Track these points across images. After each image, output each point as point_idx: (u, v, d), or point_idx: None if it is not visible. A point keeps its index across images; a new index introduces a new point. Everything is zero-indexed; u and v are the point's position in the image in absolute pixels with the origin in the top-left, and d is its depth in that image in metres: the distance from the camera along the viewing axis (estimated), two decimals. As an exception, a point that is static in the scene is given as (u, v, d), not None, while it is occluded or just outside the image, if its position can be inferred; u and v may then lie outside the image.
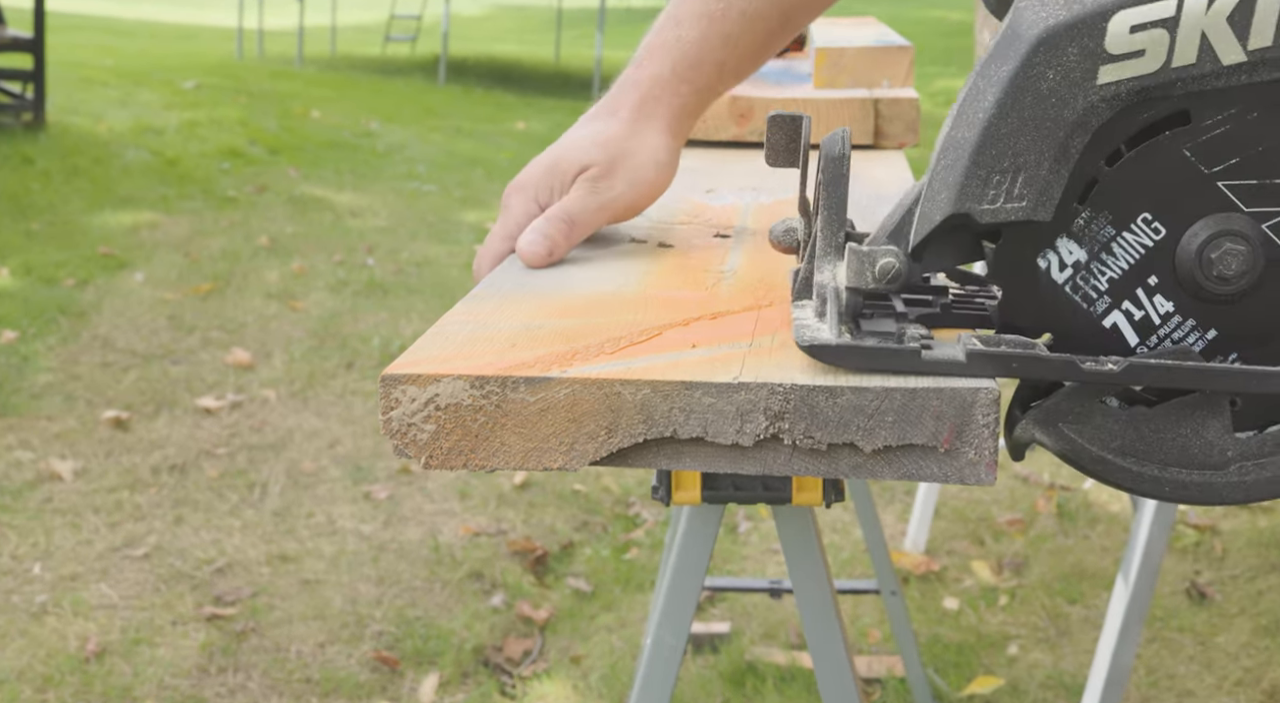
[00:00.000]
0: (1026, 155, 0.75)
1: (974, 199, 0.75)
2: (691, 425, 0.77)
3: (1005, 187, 0.75)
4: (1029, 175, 0.75)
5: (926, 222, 0.77)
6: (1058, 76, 0.74)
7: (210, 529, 3.19)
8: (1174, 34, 0.73)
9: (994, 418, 0.74)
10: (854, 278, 0.76)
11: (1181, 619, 2.85)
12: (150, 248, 5.85)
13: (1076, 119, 0.74)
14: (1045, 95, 0.74)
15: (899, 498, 3.47)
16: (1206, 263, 0.76)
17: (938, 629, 2.82)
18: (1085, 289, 0.78)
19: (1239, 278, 0.76)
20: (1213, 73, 0.74)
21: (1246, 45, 0.73)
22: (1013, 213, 0.75)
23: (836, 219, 0.78)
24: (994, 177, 0.75)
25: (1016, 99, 0.74)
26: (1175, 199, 0.77)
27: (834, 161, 0.78)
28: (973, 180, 0.75)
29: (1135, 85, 0.74)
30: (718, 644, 2.73)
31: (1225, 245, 0.76)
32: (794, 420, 0.76)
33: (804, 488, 1.18)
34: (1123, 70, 0.73)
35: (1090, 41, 0.73)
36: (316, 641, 2.72)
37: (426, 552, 3.11)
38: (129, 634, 2.71)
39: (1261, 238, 0.76)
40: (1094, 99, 0.74)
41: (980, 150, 0.75)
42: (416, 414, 0.79)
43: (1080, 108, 0.74)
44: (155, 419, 3.86)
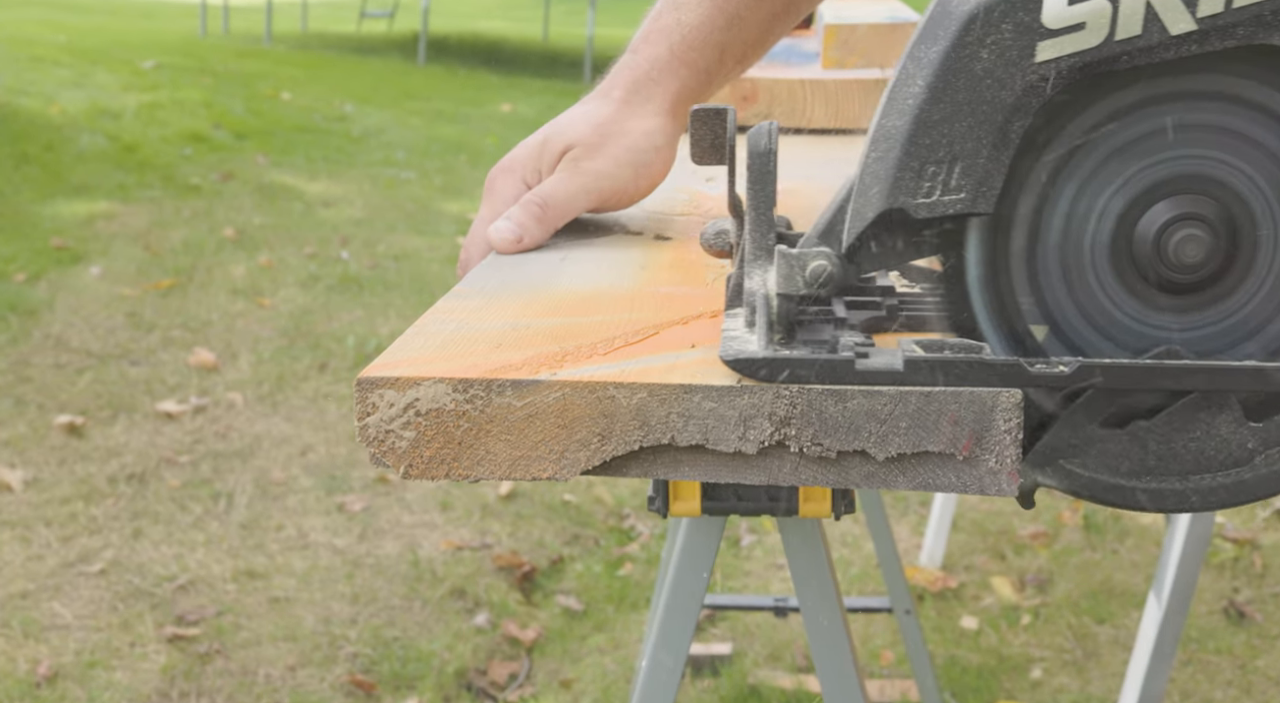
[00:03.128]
0: (963, 143, 0.74)
1: (908, 193, 0.75)
2: (691, 432, 0.77)
3: (941, 178, 0.74)
4: (967, 164, 0.74)
5: (859, 219, 0.76)
6: (992, 56, 0.73)
7: (172, 544, 3.19)
8: (1116, 4, 0.72)
9: (1016, 423, 0.74)
10: (784, 283, 0.75)
11: (1219, 641, 2.85)
12: (107, 240, 5.85)
13: (1015, 101, 0.73)
14: (980, 77, 0.73)
15: (914, 509, 3.47)
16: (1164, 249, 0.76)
17: (955, 651, 2.82)
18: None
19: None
20: (1161, 44, 0.73)
21: (1196, 12, 0.72)
22: (951, 206, 0.75)
23: (765, 220, 0.77)
24: (929, 167, 0.74)
25: (949, 82, 0.74)
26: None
27: (760, 157, 0.77)
28: (906, 172, 0.74)
29: (1077, 61, 0.73)
30: (718, 667, 2.73)
31: (1185, 230, 0.76)
32: (801, 426, 0.76)
33: (811, 499, 1.18)
34: (1062, 46, 0.73)
35: (1026, 16, 0.72)
36: (287, 663, 2.72)
37: (405, 567, 3.11)
38: (84, 657, 2.71)
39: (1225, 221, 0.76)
40: (1033, 78, 0.73)
41: (912, 140, 0.74)
42: (395, 420, 0.80)
43: (1018, 88, 0.73)
44: (112, 425, 3.86)
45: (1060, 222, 0.77)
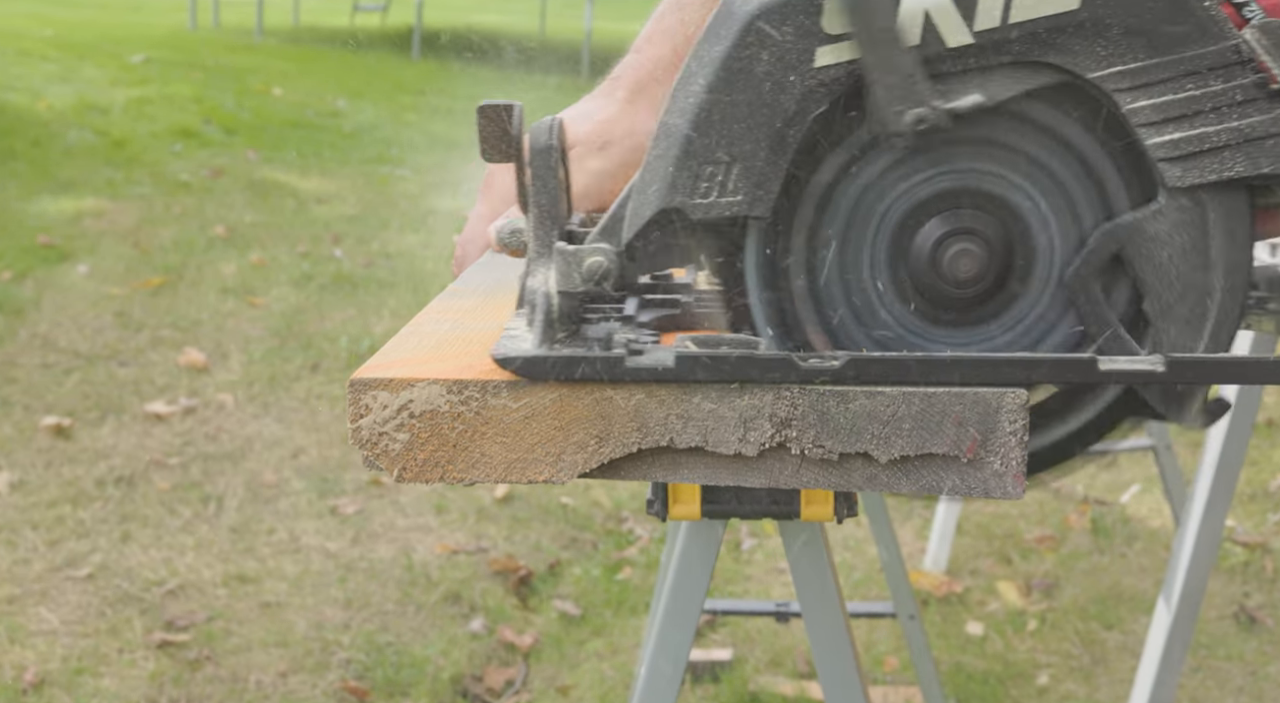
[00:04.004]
0: (741, 145, 0.74)
1: (685, 193, 0.75)
2: (690, 434, 0.77)
3: (719, 180, 0.75)
4: (744, 167, 0.74)
5: (637, 217, 0.77)
6: (772, 58, 0.73)
7: (161, 547, 3.19)
8: (899, 13, 0.72)
9: (1022, 424, 0.74)
10: (562, 280, 0.76)
11: (1229, 647, 2.85)
12: (95, 238, 5.85)
13: (794, 105, 0.74)
14: (759, 79, 0.73)
15: (917, 513, 3.47)
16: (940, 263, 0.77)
17: (960, 657, 2.83)
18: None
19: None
20: (938, 56, 0.73)
21: (974, 26, 0.73)
22: (727, 208, 0.75)
23: (548, 217, 0.78)
24: (706, 168, 0.75)
25: (729, 83, 0.74)
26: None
27: (541, 154, 0.77)
28: (684, 172, 0.75)
29: (856, 68, 0.73)
30: (719, 673, 2.74)
31: (960, 244, 0.77)
32: (802, 428, 0.76)
33: (813, 502, 1.18)
34: (841, 52, 0.73)
35: (807, 20, 0.73)
36: (278, 669, 2.72)
37: (399, 572, 3.11)
38: (71, 663, 2.71)
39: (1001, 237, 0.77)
40: (811, 83, 0.73)
41: (692, 139, 0.74)
42: (388, 422, 0.80)
43: (797, 93, 0.74)
44: (100, 426, 3.86)
45: (839, 232, 0.77)
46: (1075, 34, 0.73)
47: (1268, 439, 3.94)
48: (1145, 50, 0.73)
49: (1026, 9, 0.73)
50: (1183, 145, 0.74)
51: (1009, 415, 0.75)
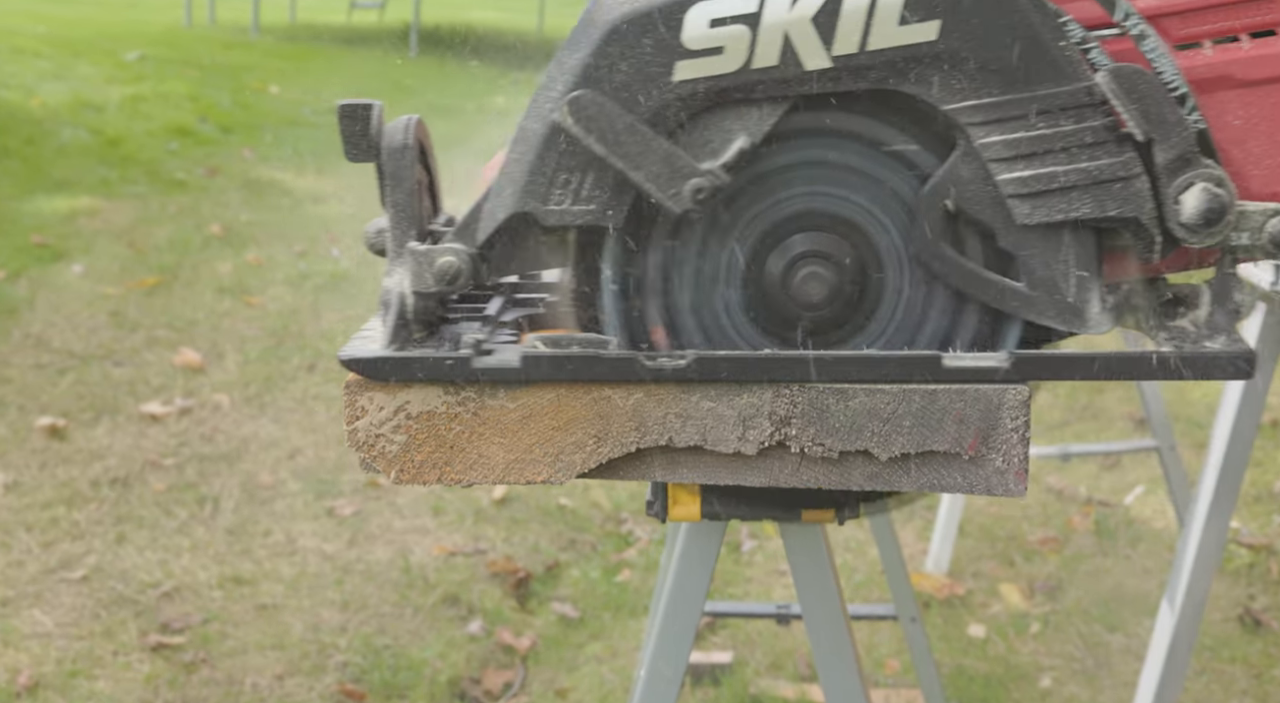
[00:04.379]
0: (595, 154, 0.75)
1: (539, 198, 0.76)
2: (689, 433, 0.77)
3: (573, 187, 0.76)
4: (599, 176, 0.75)
5: (491, 220, 0.78)
6: (631, 69, 0.74)
7: (156, 549, 3.19)
8: (756, 32, 0.73)
9: (1024, 421, 0.75)
10: (415, 280, 0.77)
11: (1234, 649, 2.85)
12: (89, 237, 5.85)
13: (650, 118, 0.74)
14: (617, 89, 0.74)
15: (919, 514, 3.47)
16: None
17: (962, 660, 2.82)
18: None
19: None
20: (796, 78, 0.74)
21: (831, 50, 0.73)
22: (580, 216, 0.76)
23: (404, 218, 0.78)
24: (560, 175, 0.76)
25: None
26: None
27: (395, 154, 0.78)
28: (538, 177, 0.76)
29: (713, 85, 0.74)
30: (719, 676, 2.73)
31: (810, 268, 0.78)
32: (802, 426, 0.76)
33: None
34: (700, 67, 0.74)
35: (667, 33, 0.74)
36: (274, 672, 2.72)
37: (396, 574, 3.11)
38: (65, 666, 2.71)
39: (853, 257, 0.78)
40: (669, 97, 0.74)
41: (547, 145, 0.75)
42: (385, 424, 0.80)
43: (655, 105, 0.74)
44: (95, 427, 3.86)
45: (695, 248, 0.78)
46: (932, 65, 0.74)
47: (1272, 440, 3.94)
48: (1000, 86, 0.74)
49: (885, 37, 0.73)
50: (1031, 183, 0.74)
51: (1010, 412, 0.75)
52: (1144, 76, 0.74)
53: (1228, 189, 0.76)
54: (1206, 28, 0.79)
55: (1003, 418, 0.75)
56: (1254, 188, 0.79)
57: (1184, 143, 0.75)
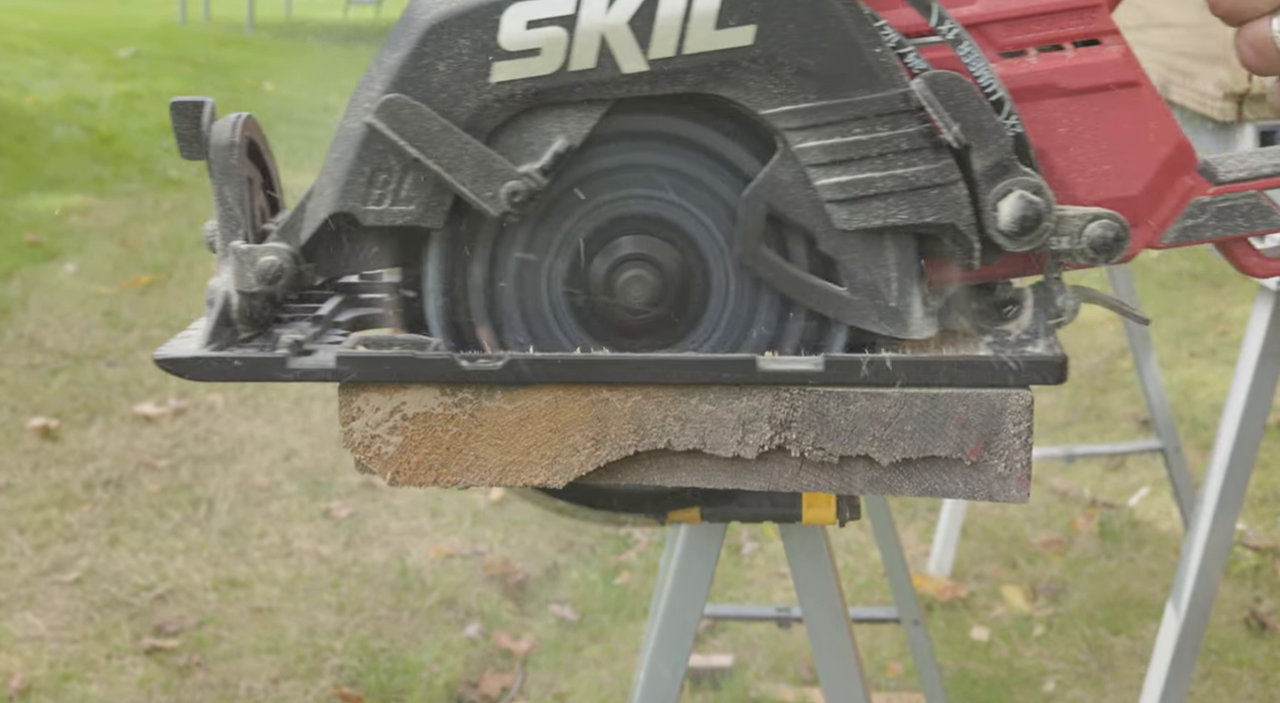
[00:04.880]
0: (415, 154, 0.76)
1: (358, 198, 0.76)
2: (688, 436, 0.77)
3: (393, 187, 0.76)
4: (418, 177, 0.76)
5: (313, 219, 0.78)
6: (449, 70, 0.75)
7: (150, 551, 3.19)
8: (572, 34, 0.74)
9: (1026, 426, 0.75)
10: (238, 280, 0.77)
11: (1240, 652, 2.85)
12: (82, 235, 5.84)
13: (469, 118, 0.75)
14: (436, 89, 0.75)
15: (921, 516, 3.47)
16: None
17: (965, 663, 2.83)
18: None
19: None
20: (613, 80, 0.75)
21: (648, 54, 0.74)
22: (399, 216, 0.76)
23: (230, 216, 0.79)
24: (380, 175, 0.76)
25: (406, 91, 0.75)
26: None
27: (222, 151, 0.78)
28: (358, 178, 0.76)
29: (531, 87, 0.75)
30: (719, 679, 2.74)
31: (633, 271, 0.79)
32: (802, 430, 0.76)
33: (815, 505, 1.18)
34: (517, 69, 0.74)
35: (484, 34, 0.74)
36: (269, 676, 2.72)
37: (393, 576, 3.11)
38: (58, 669, 2.71)
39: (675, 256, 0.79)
40: (487, 98, 0.75)
41: (366, 145, 0.76)
42: (381, 425, 0.80)
43: (473, 106, 0.75)
44: (88, 428, 3.86)
45: (519, 251, 0.79)
46: (749, 70, 0.74)
47: (1278, 441, 3.94)
48: (816, 92, 0.75)
49: (701, 41, 0.74)
50: (849, 188, 0.75)
51: (1013, 417, 0.75)
52: (959, 83, 0.75)
53: (1045, 196, 0.77)
54: (1031, 36, 0.80)
55: (1005, 423, 0.76)
56: (1079, 195, 0.80)
57: (1001, 150, 0.76)
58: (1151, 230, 0.82)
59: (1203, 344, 4.60)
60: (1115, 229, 0.78)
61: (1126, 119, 0.80)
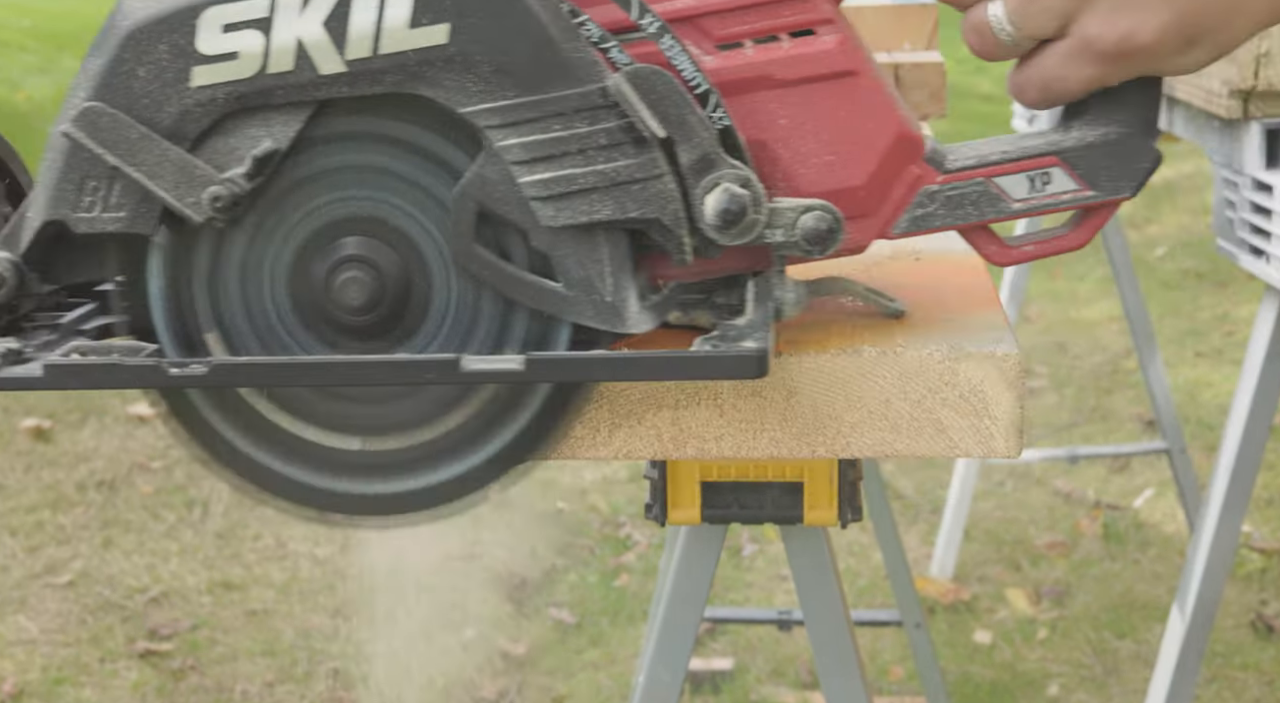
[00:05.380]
0: (123, 160, 0.76)
1: (69, 206, 0.77)
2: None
3: (102, 194, 0.77)
4: (127, 183, 0.76)
5: (29, 227, 0.78)
6: (149, 75, 0.75)
7: (144, 554, 3.19)
8: (269, 37, 0.75)
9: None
10: None
11: (1246, 656, 2.85)
12: (75, 234, 5.84)
13: (172, 124, 0.76)
14: (137, 95, 0.76)
15: (923, 518, 3.47)
16: (332, 290, 0.79)
17: (968, 667, 2.83)
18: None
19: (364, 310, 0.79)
20: (313, 82, 0.75)
21: (345, 54, 0.75)
22: (110, 223, 0.77)
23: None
24: (89, 182, 0.77)
25: (108, 97, 0.76)
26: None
27: None
28: (67, 185, 0.77)
29: (231, 91, 0.75)
30: (719, 683, 2.73)
31: (349, 272, 0.79)
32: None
33: (817, 506, 1.18)
34: (216, 73, 0.75)
35: (182, 39, 0.75)
36: (265, 679, 2.72)
37: (389, 578, 3.11)
38: (50, 673, 2.70)
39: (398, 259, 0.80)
40: (188, 103, 0.75)
41: (75, 151, 0.76)
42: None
43: (175, 112, 0.76)
44: (81, 428, 3.86)
45: (238, 255, 0.80)
46: (445, 68, 0.75)
47: (1285, 442, 3.95)
48: (514, 89, 0.75)
49: (397, 41, 0.74)
50: (552, 185, 0.76)
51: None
52: (660, 77, 0.75)
53: (752, 188, 0.77)
54: (746, 28, 0.80)
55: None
56: (803, 186, 0.80)
57: (705, 143, 0.76)
58: (881, 220, 0.82)
59: (1208, 344, 4.60)
60: (828, 220, 0.78)
61: (844, 109, 0.80)
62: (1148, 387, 2.93)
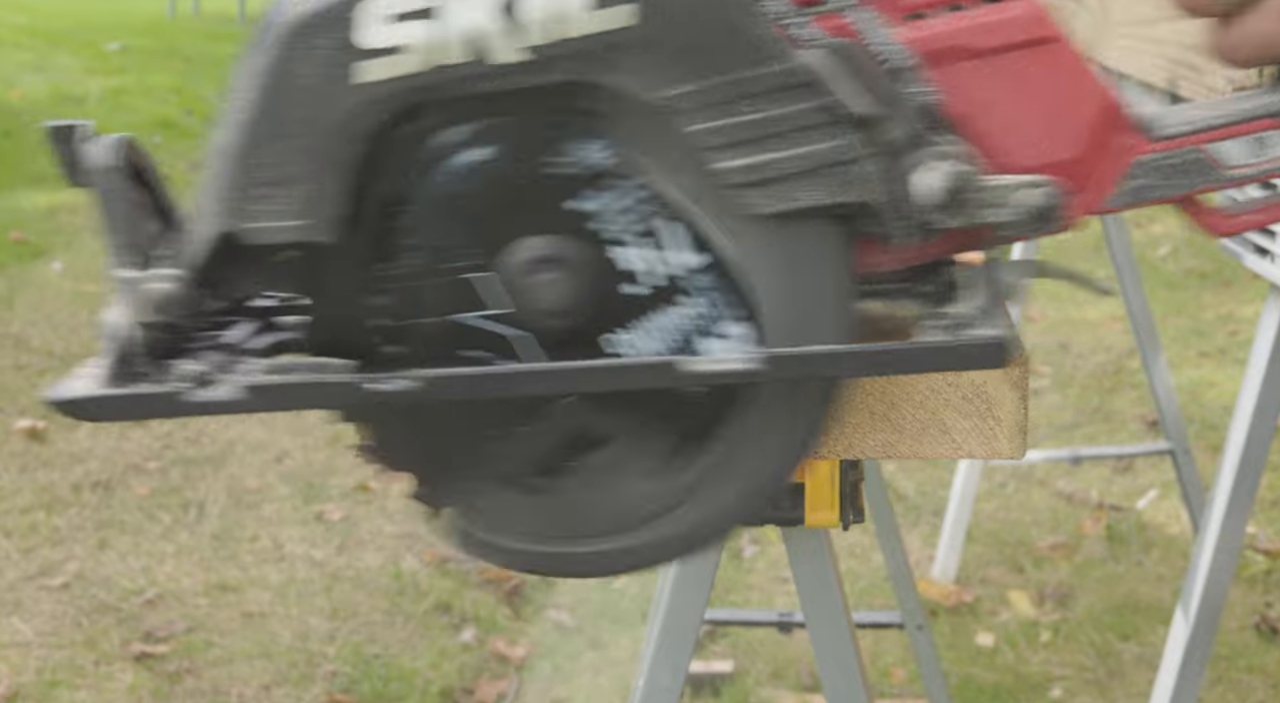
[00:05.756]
0: (292, 166, 0.72)
1: (240, 216, 0.73)
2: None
3: (274, 203, 0.73)
4: (298, 190, 0.73)
5: (200, 241, 0.75)
6: (313, 73, 0.72)
7: (139, 555, 3.19)
8: (438, 26, 0.71)
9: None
10: (132, 310, 0.74)
11: (1250, 658, 2.86)
12: (70, 233, 5.84)
13: (340, 123, 0.72)
14: (302, 94, 0.72)
15: (925, 519, 3.47)
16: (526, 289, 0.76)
17: (970, 669, 2.83)
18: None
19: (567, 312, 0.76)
20: (486, 74, 0.72)
21: (522, 42, 0.71)
22: (282, 233, 0.73)
23: (117, 244, 0.75)
24: (259, 190, 0.73)
25: (272, 99, 0.72)
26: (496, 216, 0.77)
27: (103, 176, 0.74)
28: (237, 194, 0.73)
29: (399, 86, 0.72)
30: (719, 686, 2.74)
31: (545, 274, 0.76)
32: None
33: (818, 507, 1.18)
34: (382, 69, 0.71)
35: (341, 33, 0.71)
36: (261, 682, 2.72)
37: (387, 580, 3.11)
38: (45, 676, 2.70)
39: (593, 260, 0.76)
40: (355, 101, 0.72)
41: (243, 159, 0.73)
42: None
43: (342, 110, 0.72)
44: (76, 429, 3.86)
45: (410, 253, 0.76)
46: (632, 52, 0.71)
47: (1290, 443, 3.95)
48: (706, 71, 0.71)
49: (578, 25, 0.71)
50: (756, 171, 0.72)
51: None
52: (862, 51, 0.72)
53: (967, 165, 0.73)
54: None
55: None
56: (1009, 162, 0.77)
57: (914, 120, 0.73)
58: (1094, 194, 0.78)
59: (1212, 344, 4.61)
60: (1051, 195, 0.74)
61: (1046, 77, 0.76)
62: (1151, 387, 2.93)
